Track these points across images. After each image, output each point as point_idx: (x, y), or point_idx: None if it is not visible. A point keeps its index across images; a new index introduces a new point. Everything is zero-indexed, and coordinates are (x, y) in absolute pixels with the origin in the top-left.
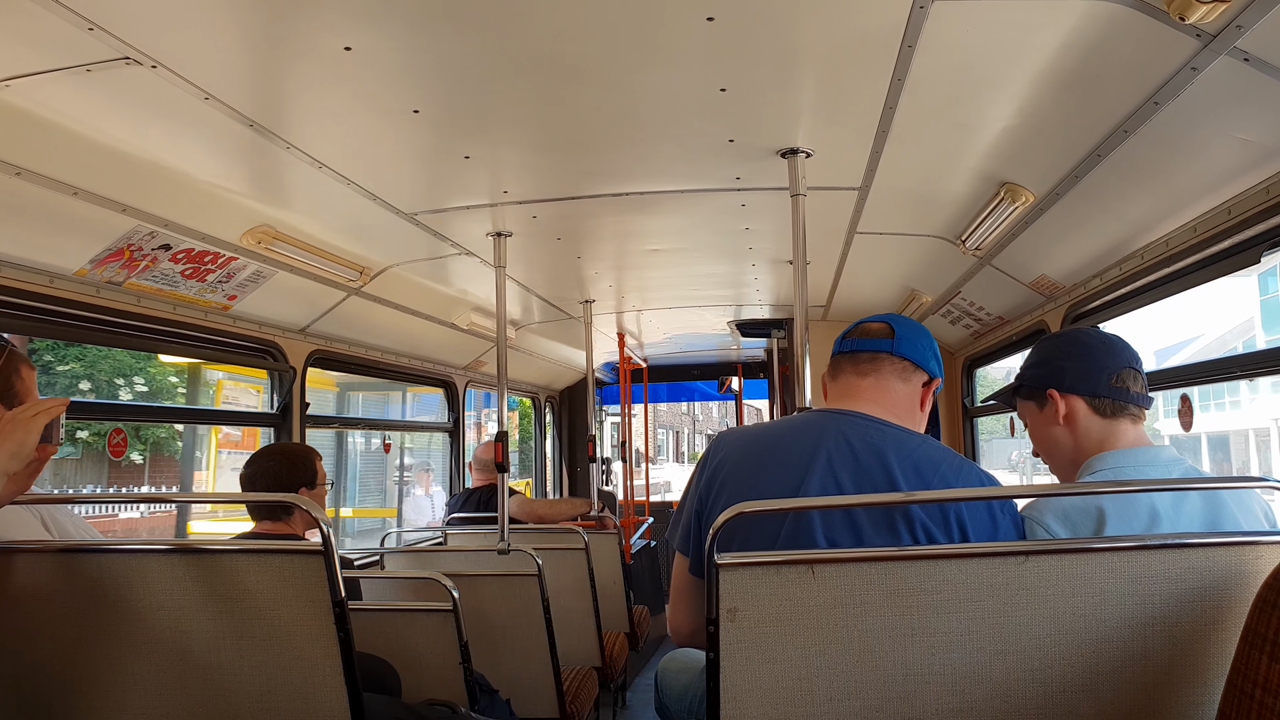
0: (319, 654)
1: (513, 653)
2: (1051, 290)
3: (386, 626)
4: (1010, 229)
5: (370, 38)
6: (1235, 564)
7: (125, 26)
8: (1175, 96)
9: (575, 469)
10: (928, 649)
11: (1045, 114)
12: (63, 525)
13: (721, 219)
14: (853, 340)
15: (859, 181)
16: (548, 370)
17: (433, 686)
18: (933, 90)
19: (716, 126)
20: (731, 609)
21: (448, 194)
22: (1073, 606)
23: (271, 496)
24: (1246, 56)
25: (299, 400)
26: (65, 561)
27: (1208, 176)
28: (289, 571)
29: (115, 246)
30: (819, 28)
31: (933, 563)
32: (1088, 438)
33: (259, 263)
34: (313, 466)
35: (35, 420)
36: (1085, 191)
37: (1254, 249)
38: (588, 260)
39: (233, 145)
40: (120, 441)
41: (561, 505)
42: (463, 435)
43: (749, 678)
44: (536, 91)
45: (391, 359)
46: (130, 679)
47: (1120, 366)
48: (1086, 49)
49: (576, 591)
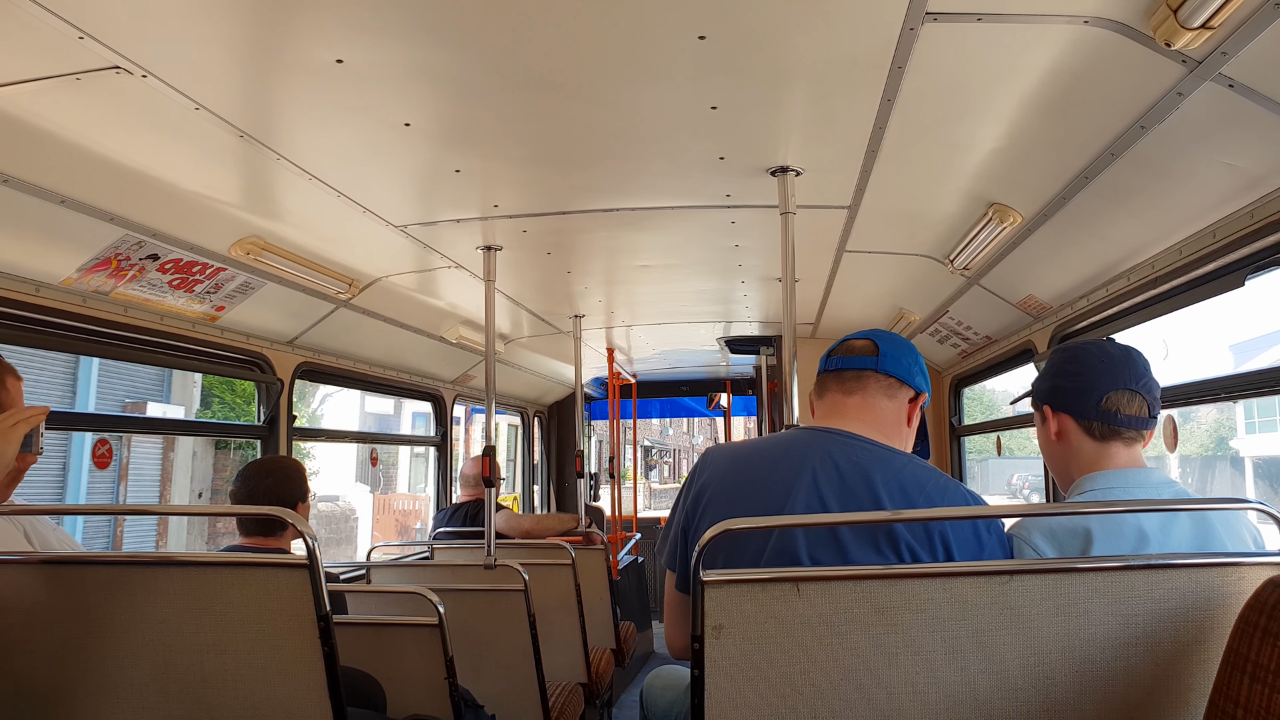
0: (303, 668)
1: (498, 668)
2: (1039, 310)
3: (371, 641)
4: (998, 249)
5: (362, 51)
6: (1218, 585)
7: (116, 35)
8: (1161, 121)
9: (563, 484)
10: (912, 667)
11: (1034, 136)
12: (44, 537)
13: (711, 236)
14: (838, 358)
15: (848, 200)
16: (536, 385)
17: (418, 702)
18: (922, 111)
19: (707, 144)
20: (717, 626)
21: (438, 207)
22: (1057, 626)
23: (257, 510)
24: (1231, 83)
25: (286, 413)
26: (47, 573)
27: (1193, 200)
28: (273, 585)
29: (102, 256)
30: (810, 48)
31: (918, 581)
32: (1080, 456)
33: (247, 273)
34: (305, 481)
35: (15, 429)
36: (1073, 213)
37: (1239, 272)
38: (577, 275)
39: (222, 155)
40: (105, 452)
41: (549, 521)
42: (450, 449)
43: (734, 695)
44: (528, 106)
45: (380, 372)
46: (113, 692)
47: (1111, 388)
48: (1074, 73)
49: (563, 607)
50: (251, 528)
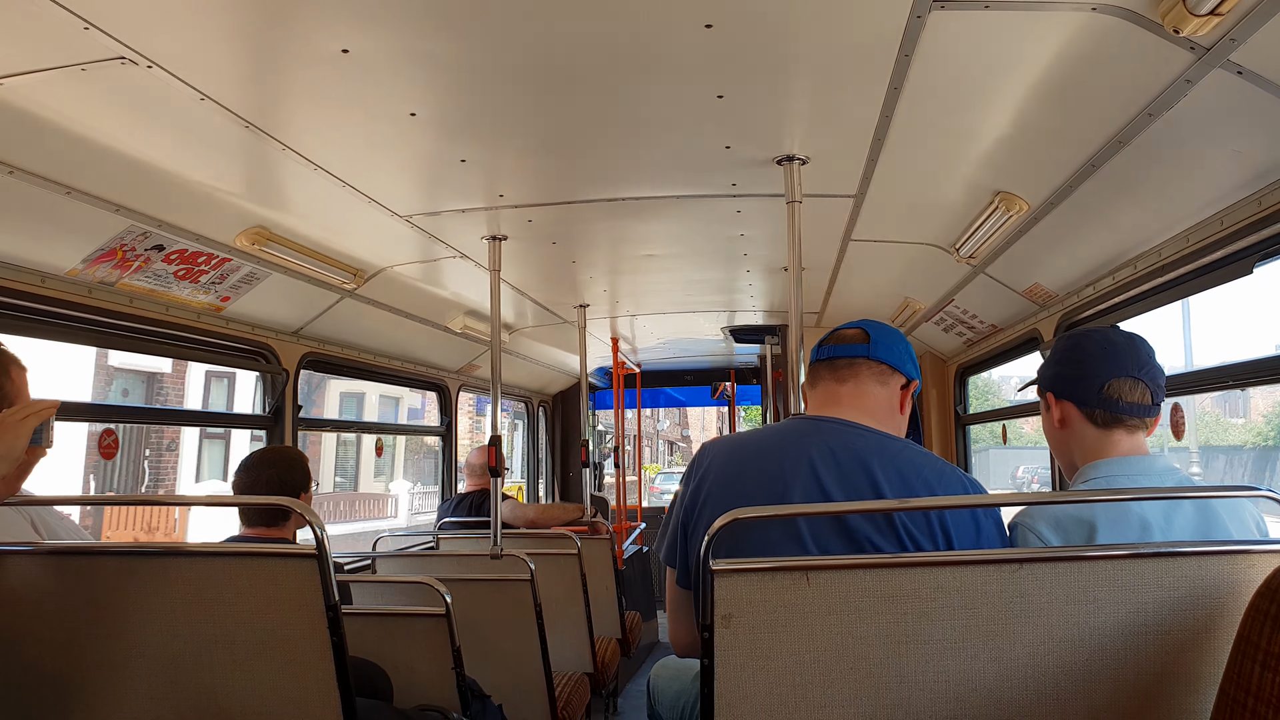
0: (312, 658)
1: (504, 658)
2: (1045, 299)
3: (378, 631)
4: (1004, 238)
5: (368, 40)
6: (1228, 573)
7: (121, 26)
8: (1169, 108)
9: (568, 474)
10: (922, 656)
11: (1041, 124)
12: (52, 527)
13: (717, 225)
14: (829, 347)
15: (854, 189)
16: (541, 374)
17: (424, 692)
18: (929, 99)
19: (713, 133)
20: (726, 615)
21: (444, 197)
22: (1066, 614)
23: (263, 500)
24: (1240, 70)
25: (291, 403)
26: (55, 564)
27: (1201, 188)
28: (282, 575)
29: (108, 246)
30: (817, 36)
31: (927, 570)
32: (1083, 444)
33: (253, 264)
34: (307, 471)
35: (25, 423)
36: (1079, 201)
37: (1246, 259)
38: (583, 265)
39: (228, 146)
40: (111, 443)
41: (554, 510)
42: (455, 438)
43: (743, 684)
44: (534, 96)
45: (384, 362)
46: (121, 682)
47: (1113, 375)
48: (1082, 60)
49: (569, 597)
50: (254, 517)
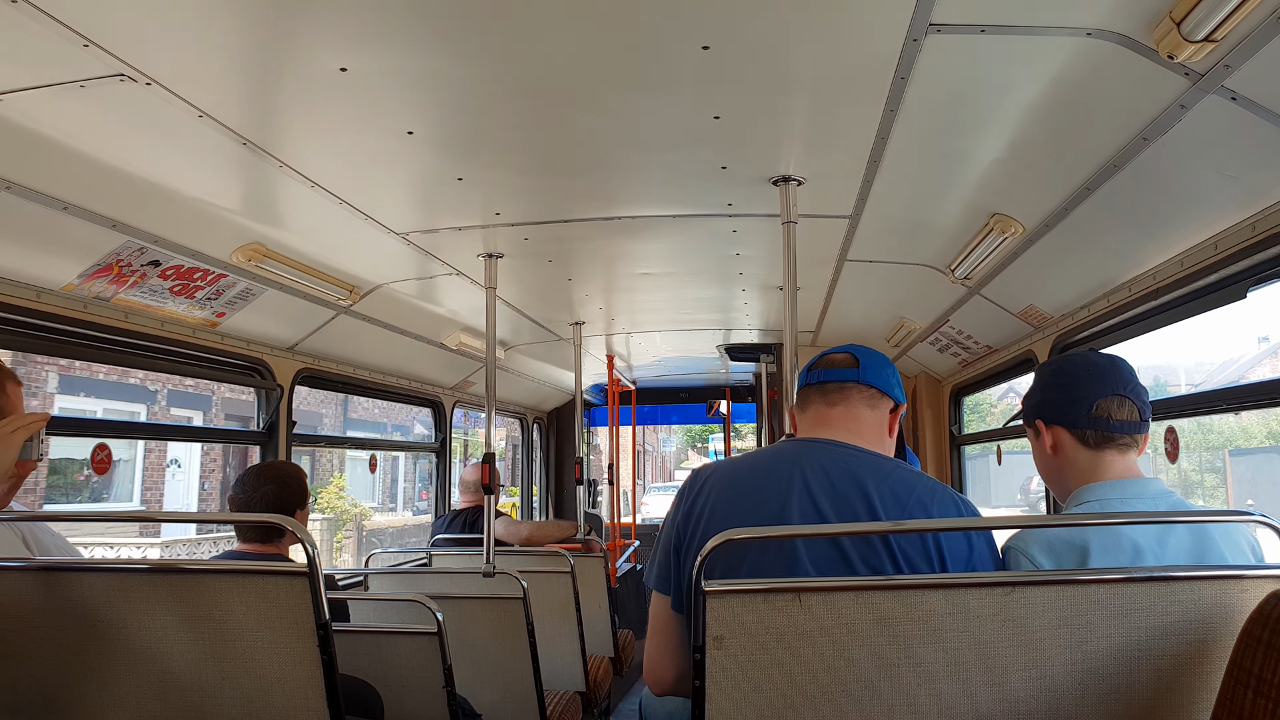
0: (302, 676)
1: (496, 676)
2: (1040, 321)
3: (369, 648)
4: (1000, 259)
5: (366, 59)
6: (1221, 598)
7: (121, 43)
8: (1164, 133)
9: (562, 491)
10: (914, 679)
11: (1036, 147)
12: (43, 543)
13: (712, 244)
14: (819, 371)
15: (850, 210)
16: (536, 391)
17: (415, 710)
18: (925, 121)
19: (709, 153)
20: (718, 637)
21: (440, 215)
22: (1058, 638)
23: (258, 517)
24: (1234, 95)
25: (286, 419)
26: (46, 580)
27: (1195, 212)
28: (273, 592)
29: (104, 262)
30: (813, 58)
31: (919, 592)
32: (1075, 468)
33: (248, 280)
34: (304, 487)
35: (14, 436)
36: (1074, 224)
37: (1240, 284)
38: (578, 282)
39: (225, 163)
40: (104, 458)
41: (548, 528)
42: (449, 455)
43: (735, 706)
44: (531, 115)
45: (379, 378)
46: (111, 700)
47: (1100, 395)
48: (1077, 85)
49: (561, 615)
50: (249, 533)
